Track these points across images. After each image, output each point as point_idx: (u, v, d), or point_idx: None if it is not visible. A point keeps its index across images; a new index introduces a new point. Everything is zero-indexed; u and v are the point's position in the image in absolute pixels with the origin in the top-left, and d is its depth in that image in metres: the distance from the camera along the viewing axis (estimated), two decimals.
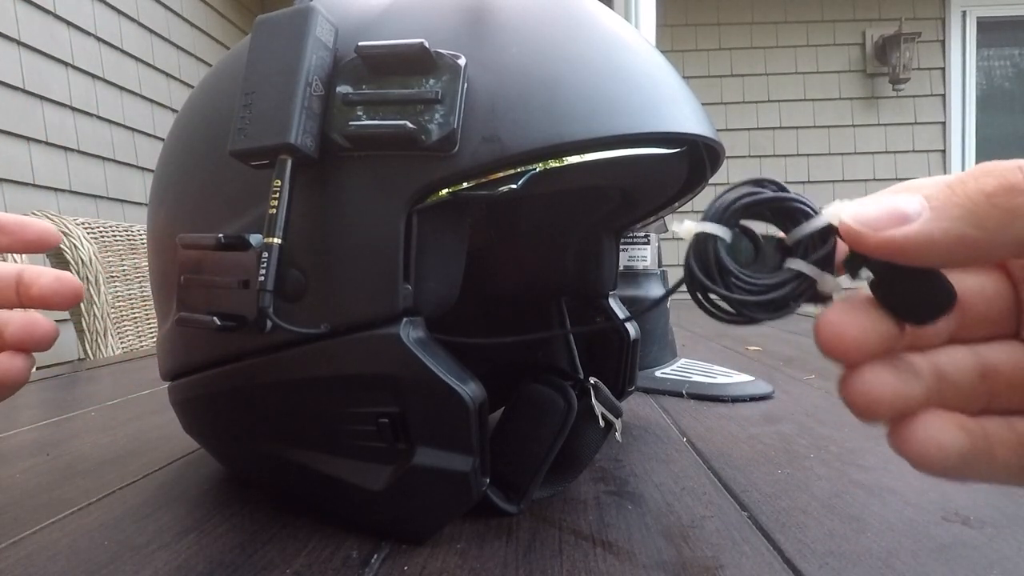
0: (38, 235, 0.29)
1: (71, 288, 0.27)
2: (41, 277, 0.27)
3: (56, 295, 0.27)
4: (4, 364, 0.26)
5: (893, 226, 0.15)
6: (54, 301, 0.27)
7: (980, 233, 0.14)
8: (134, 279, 1.28)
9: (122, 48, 1.96)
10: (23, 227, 0.29)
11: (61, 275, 0.27)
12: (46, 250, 0.30)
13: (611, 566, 0.27)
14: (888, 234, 0.15)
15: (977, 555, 0.27)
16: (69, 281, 0.27)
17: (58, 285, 0.27)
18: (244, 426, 0.33)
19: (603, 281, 0.44)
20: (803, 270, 0.17)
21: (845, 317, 0.16)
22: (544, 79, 0.27)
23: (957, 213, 0.14)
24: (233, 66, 0.31)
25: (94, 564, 0.28)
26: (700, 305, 0.18)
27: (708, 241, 0.18)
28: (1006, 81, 3.09)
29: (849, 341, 0.16)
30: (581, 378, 0.41)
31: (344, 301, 0.28)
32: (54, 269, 0.28)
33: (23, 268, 0.28)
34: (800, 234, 0.18)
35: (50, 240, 0.30)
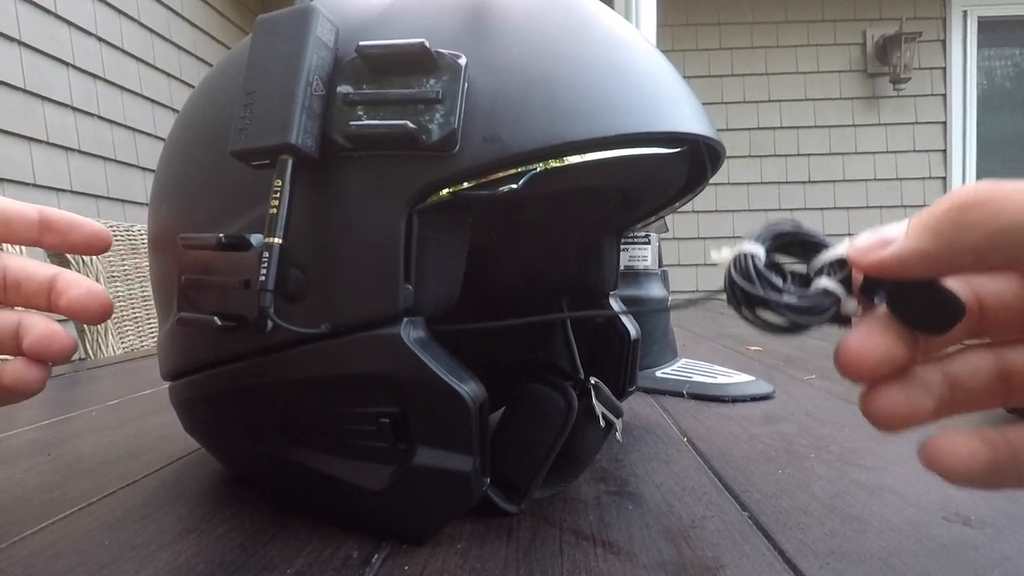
0: (85, 239, 0.28)
1: (100, 304, 0.27)
2: (72, 288, 0.26)
3: (84, 310, 0.26)
4: (19, 372, 0.26)
5: (878, 249, 0.18)
6: (82, 315, 0.26)
7: (937, 246, 0.17)
8: (135, 279, 1.28)
9: (123, 48, 1.96)
10: (71, 228, 0.28)
11: (93, 289, 0.27)
12: (96, 254, 0.30)
13: (611, 566, 0.27)
14: (873, 255, 0.18)
15: (978, 555, 0.27)
16: (99, 296, 0.27)
17: (87, 299, 0.26)
18: (245, 426, 0.33)
19: (604, 281, 0.44)
20: (830, 287, 0.20)
21: (862, 342, 0.19)
22: (545, 79, 0.27)
23: (921, 231, 0.18)
24: (234, 66, 0.31)
25: (95, 564, 0.28)
26: (746, 318, 0.20)
27: (747, 259, 0.20)
28: (1007, 81, 3.09)
29: (866, 365, 0.19)
30: (582, 378, 0.41)
31: (345, 301, 0.28)
32: (88, 280, 0.27)
33: (59, 273, 0.27)
34: (820, 262, 0.20)
35: (98, 244, 0.29)
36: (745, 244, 0.20)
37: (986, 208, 0.16)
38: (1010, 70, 3.08)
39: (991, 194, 0.16)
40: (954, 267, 0.18)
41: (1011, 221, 0.16)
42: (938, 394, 0.20)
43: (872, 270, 0.19)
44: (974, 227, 0.17)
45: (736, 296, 0.20)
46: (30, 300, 0.27)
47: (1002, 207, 0.16)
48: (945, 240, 0.17)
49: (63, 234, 0.28)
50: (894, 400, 0.19)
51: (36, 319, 0.26)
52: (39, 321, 0.26)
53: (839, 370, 0.19)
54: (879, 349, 0.19)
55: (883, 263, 0.18)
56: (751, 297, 0.20)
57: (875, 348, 0.19)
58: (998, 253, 0.17)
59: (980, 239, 0.17)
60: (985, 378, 0.20)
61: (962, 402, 0.20)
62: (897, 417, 0.19)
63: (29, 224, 0.28)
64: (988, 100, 3.04)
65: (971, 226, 0.17)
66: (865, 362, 0.19)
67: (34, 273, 0.27)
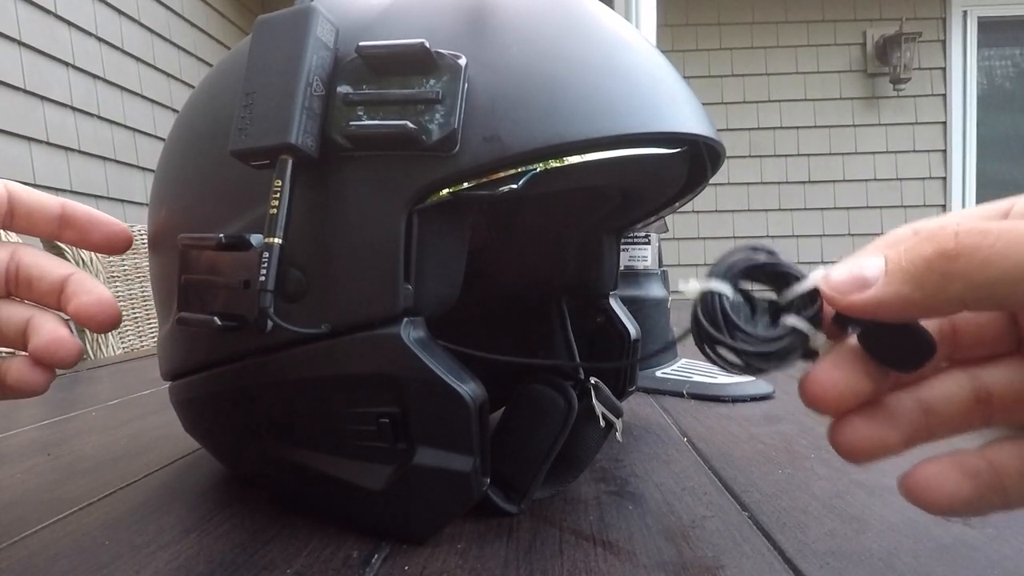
0: (105, 238, 0.28)
1: (108, 314, 0.26)
2: (82, 294, 0.26)
3: (91, 319, 0.26)
4: (23, 373, 0.25)
5: (856, 291, 0.18)
6: (88, 323, 0.26)
7: (921, 295, 0.16)
8: (135, 279, 1.28)
9: (123, 48, 1.97)
10: (92, 226, 0.28)
11: (103, 298, 0.26)
12: (115, 254, 0.29)
13: (612, 566, 0.27)
14: (852, 298, 0.18)
15: (978, 555, 0.27)
16: (108, 306, 0.26)
17: (96, 308, 0.26)
18: (245, 426, 0.33)
19: (604, 281, 0.44)
20: (797, 326, 0.19)
21: (827, 375, 0.19)
22: (545, 79, 0.27)
23: (902, 278, 0.17)
24: (234, 66, 0.31)
25: (95, 564, 0.28)
26: (708, 356, 0.20)
27: (714, 298, 0.20)
28: (1007, 81, 3.09)
29: (829, 399, 0.19)
30: (582, 378, 0.41)
31: (345, 301, 0.28)
32: (99, 288, 0.26)
33: (72, 275, 0.26)
34: (791, 295, 0.20)
35: (118, 245, 0.28)
36: (712, 282, 0.20)
37: (972, 259, 0.16)
38: (1010, 70, 3.08)
39: (976, 242, 0.16)
40: (936, 315, 0.17)
41: (999, 273, 0.15)
42: (908, 424, 0.19)
43: (850, 312, 0.18)
44: (959, 278, 0.16)
45: (700, 336, 0.20)
46: (41, 299, 0.26)
47: (989, 257, 0.15)
48: (929, 291, 0.16)
49: (83, 232, 0.27)
50: (859, 433, 0.19)
51: (45, 320, 0.26)
52: (48, 323, 0.26)
53: (804, 402, 0.19)
54: (844, 383, 0.19)
55: (862, 306, 0.18)
56: (713, 339, 0.20)
57: (839, 382, 0.19)
58: (983, 303, 0.16)
59: (965, 291, 0.16)
60: (962, 403, 0.20)
61: (938, 428, 0.20)
62: (862, 450, 0.19)
63: (50, 218, 0.27)
64: (988, 100, 3.04)
65: (956, 277, 0.16)
66: (829, 395, 0.19)
67: (48, 272, 0.26)
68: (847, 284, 0.18)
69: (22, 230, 0.27)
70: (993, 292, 0.16)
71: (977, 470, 0.18)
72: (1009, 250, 0.15)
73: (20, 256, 0.26)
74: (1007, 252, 0.15)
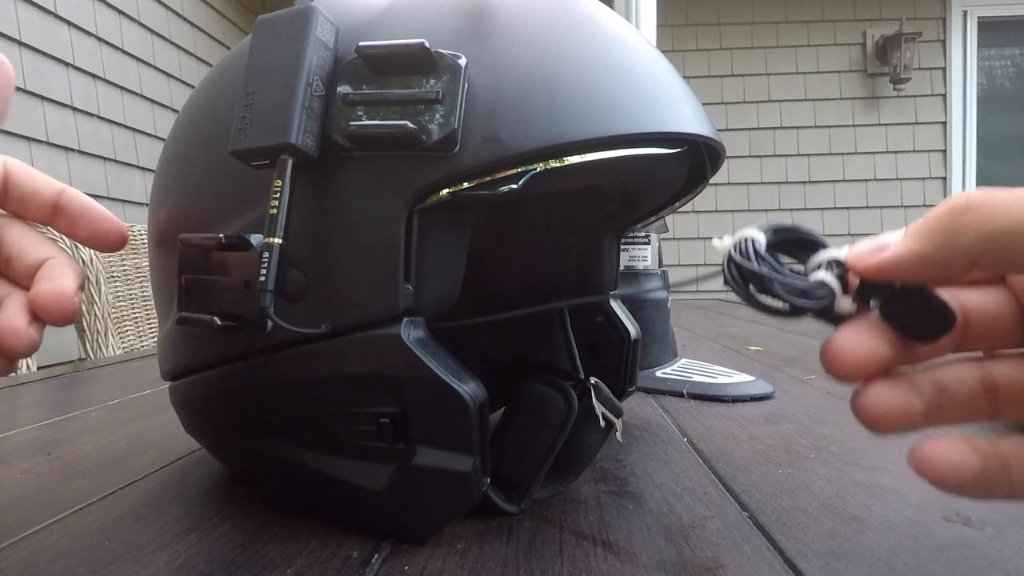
0: (91, 234, 0.26)
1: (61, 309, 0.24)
2: (44, 282, 0.24)
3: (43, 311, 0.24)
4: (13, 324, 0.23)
5: (875, 253, 0.19)
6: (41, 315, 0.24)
7: (934, 249, 0.18)
8: (135, 279, 1.29)
9: (123, 48, 1.97)
10: (82, 218, 0.26)
11: (62, 291, 0.24)
12: (103, 251, 0.27)
13: (611, 566, 0.27)
14: (871, 259, 0.19)
15: (978, 555, 0.27)
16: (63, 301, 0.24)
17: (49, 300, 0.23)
18: (245, 426, 0.33)
19: (604, 281, 0.44)
20: (826, 280, 0.20)
21: (848, 342, 0.19)
22: (545, 79, 0.27)
23: (917, 236, 0.18)
24: (234, 66, 0.31)
25: (95, 564, 0.28)
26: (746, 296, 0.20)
27: (750, 242, 0.20)
28: (1007, 81, 3.09)
29: (850, 363, 0.19)
30: (582, 378, 0.41)
31: (345, 301, 0.28)
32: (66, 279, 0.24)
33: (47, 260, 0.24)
34: (817, 260, 0.20)
35: (105, 242, 0.26)
36: (746, 230, 0.20)
37: (979, 212, 0.17)
38: (1010, 70, 3.08)
39: (985, 199, 0.17)
40: (949, 269, 0.18)
41: (1003, 224, 0.17)
42: (928, 398, 0.20)
43: (869, 273, 0.19)
44: (968, 230, 0.17)
45: (735, 275, 0.20)
46: (17, 279, 0.25)
47: (994, 211, 0.17)
48: (940, 243, 0.18)
49: (72, 223, 0.26)
50: (885, 398, 0.20)
51: (10, 304, 0.24)
52: (10, 308, 0.24)
53: (825, 367, 0.20)
54: (865, 347, 0.19)
55: (880, 266, 0.19)
56: (751, 275, 0.20)
57: (861, 346, 0.19)
58: (990, 256, 0.18)
59: (973, 242, 0.17)
60: (971, 389, 0.20)
61: (950, 411, 0.20)
62: (887, 416, 0.20)
63: (43, 205, 0.26)
64: (988, 100, 3.04)
65: (965, 229, 0.17)
66: (851, 359, 0.19)
67: (25, 253, 0.25)
68: (867, 249, 0.19)
69: (13, 212, 0.26)
70: (1001, 243, 0.17)
71: (986, 452, 0.19)
72: (1013, 206, 0.17)
73: (5, 232, 0.25)
74: (1011, 207, 0.17)
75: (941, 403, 0.20)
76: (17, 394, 0.71)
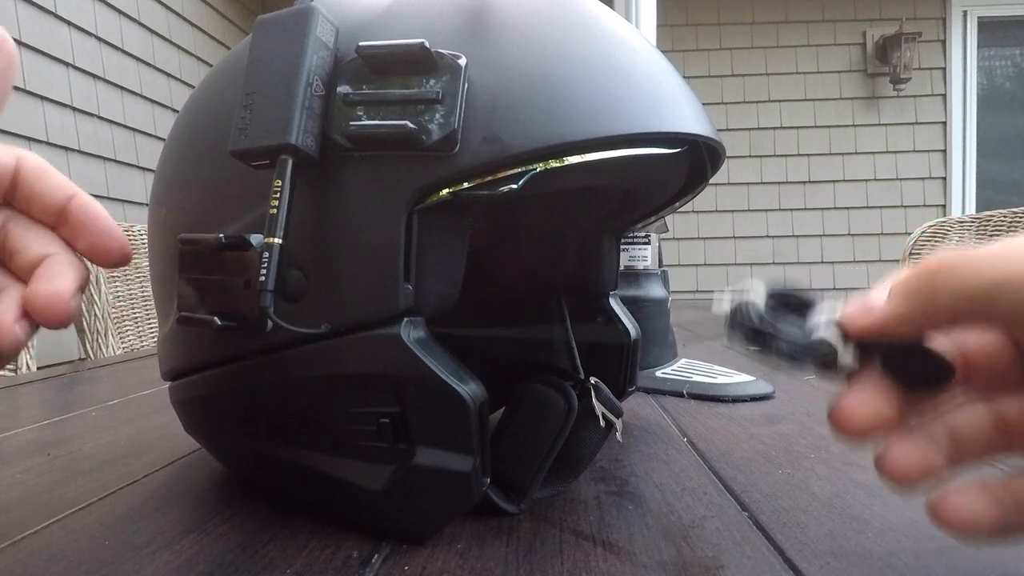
0: (89, 247, 0.25)
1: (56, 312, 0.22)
2: (42, 282, 0.23)
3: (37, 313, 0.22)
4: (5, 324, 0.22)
5: (864, 316, 0.20)
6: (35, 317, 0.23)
7: (914, 309, 0.19)
8: (134, 279, 1.29)
9: (123, 48, 1.97)
10: (84, 228, 0.25)
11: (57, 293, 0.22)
12: (102, 266, 0.26)
13: (612, 566, 0.27)
14: (862, 321, 0.20)
15: (978, 555, 0.27)
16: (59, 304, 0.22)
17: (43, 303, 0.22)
18: (245, 426, 0.33)
19: (604, 281, 0.44)
20: (826, 337, 0.21)
21: (854, 402, 0.21)
22: (545, 79, 0.27)
23: (899, 297, 0.19)
24: (234, 66, 0.31)
25: (95, 564, 0.28)
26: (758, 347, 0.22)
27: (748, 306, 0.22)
28: (1007, 81, 3.09)
29: (859, 423, 0.20)
30: (582, 378, 0.41)
31: (345, 301, 0.28)
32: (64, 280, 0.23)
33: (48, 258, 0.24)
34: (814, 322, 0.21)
35: (103, 257, 0.25)
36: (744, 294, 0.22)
37: (952, 274, 0.18)
38: (1010, 70, 3.08)
39: (957, 261, 0.18)
40: (933, 327, 0.20)
41: (977, 285, 0.18)
42: (946, 448, 0.21)
43: (862, 335, 0.20)
44: (943, 292, 0.18)
45: (747, 332, 0.22)
46: (18, 274, 0.24)
47: (968, 273, 0.18)
48: (919, 304, 0.19)
49: (73, 232, 0.25)
50: (909, 455, 0.20)
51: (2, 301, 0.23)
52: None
53: (834, 429, 0.21)
54: (871, 406, 0.20)
55: (871, 328, 0.20)
56: (761, 332, 0.21)
57: (868, 405, 0.20)
58: (969, 314, 0.18)
59: (950, 302, 0.18)
60: (983, 429, 0.21)
61: (968, 454, 0.21)
62: (913, 475, 0.20)
63: (49, 209, 0.25)
64: (988, 100, 3.04)
65: (940, 291, 0.18)
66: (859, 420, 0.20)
67: (27, 248, 0.24)
68: (857, 311, 0.20)
69: (20, 210, 0.25)
70: (973, 303, 0.18)
71: (1001, 496, 0.20)
72: (984, 265, 0.18)
73: (11, 225, 0.25)
74: (982, 266, 0.18)
75: (958, 449, 0.21)
76: (17, 394, 0.71)
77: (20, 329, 0.22)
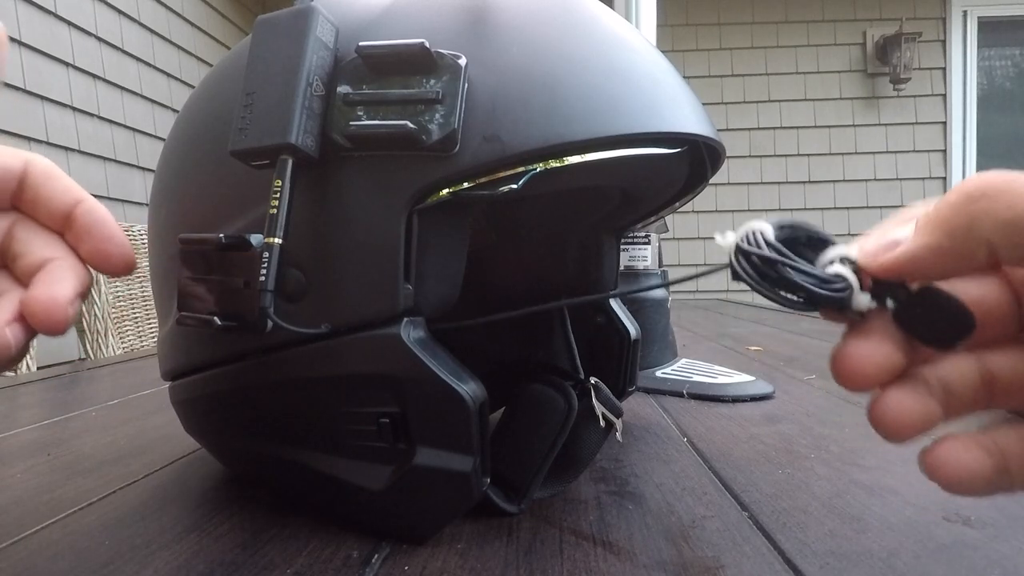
0: (91, 253, 0.24)
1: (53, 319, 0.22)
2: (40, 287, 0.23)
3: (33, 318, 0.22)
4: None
5: (887, 251, 0.18)
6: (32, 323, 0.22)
7: (950, 241, 0.16)
8: (134, 279, 1.28)
9: (123, 48, 1.96)
10: (88, 234, 0.24)
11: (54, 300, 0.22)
12: (103, 273, 0.25)
13: (612, 566, 0.27)
14: (884, 258, 0.18)
15: (978, 555, 0.27)
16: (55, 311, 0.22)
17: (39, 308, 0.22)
18: (245, 426, 0.33)
19: (604, 281, 0.44)
20: (843, 273, 0.18)
21: (861, 350, 0.18)
22: (545, 79, 0.27)
23: (930, 228, 0.17)
24: (234, 66, 0.31)
25: (95, 564, 0.28)
26: (760, 287, 0.18)
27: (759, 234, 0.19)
28: (1007, 81, 3.09)
29: (865, 373, 0.18)
30: (582, 378, 0.41)
31: (345, 301, 0.28)
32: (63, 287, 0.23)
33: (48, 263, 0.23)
34: (828, 257, 0.19)
35: (105, 265, 0.25)
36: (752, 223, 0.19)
37: (998, 199, 0.16)
38: (1010, 70, 3.08)
39: (1003, 184, 0.16)
40: (968, 263, 0.17)
41: None
42: (941, 399, 0.19)
43: (883, 273, 0.18)
44: (986, 218, 0.16)
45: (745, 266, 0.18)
46: (20, 278, 0.24)
47: (1015, 197, 0.15)
48: (958, 234, 0.16)
49: (77, 238, 0.25)
50: (907, 407, 0.18)
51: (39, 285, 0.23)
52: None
53: (836, 377, 0.19)
54: (879, 356, 0.18)
55: (894, 265, 0.17)
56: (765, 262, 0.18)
57: (875, 355, 0.18)
58: (1013, 247, 0.16)
59: (993, 231, 0.16)
60: (973, 383, 0.19)
61: (955, 407, 0.19)
62: (910, 426, 0.18)
63: (54, 215, 0.25)
64: (988, 100, 3.04)
65: (983, 217, 0.16)
66: (866, 369, 0.18)
67: (30, 252, 0.24)
68: (878, 247, 0.18)
69: (27, 214, 0.25)
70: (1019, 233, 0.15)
71: (991, 449, 0.18)
72: None
73: (16, 229, 0.25)
74: None
75: (948, 402, 0.19)
76: (17, 394, 0.71)
77: (11, 334, 0.22)
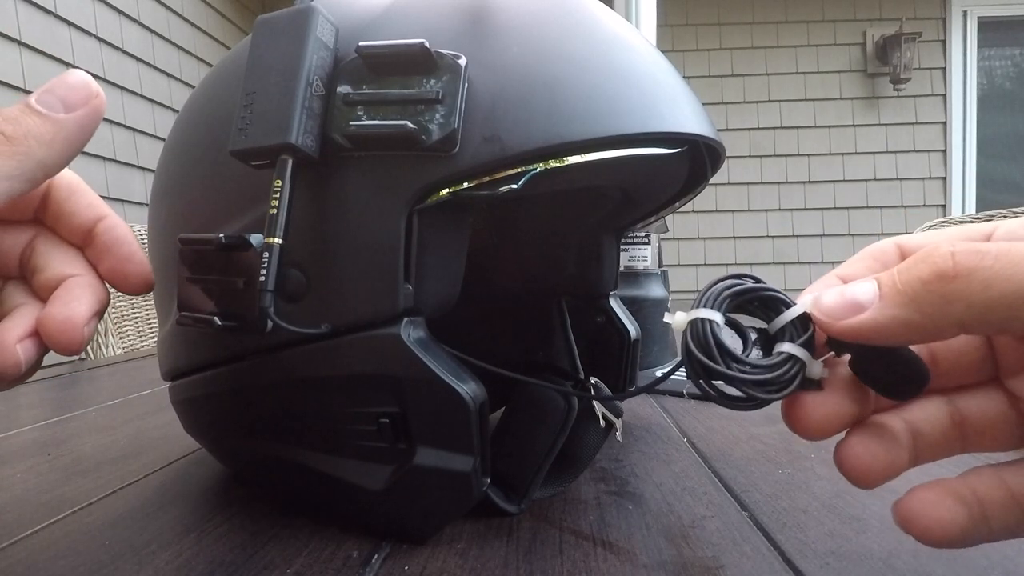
0: (109, 270, 0.24)
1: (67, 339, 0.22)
2: (57, 305, 0.22)
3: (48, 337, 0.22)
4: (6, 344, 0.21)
5: (850, 315, 0.17)
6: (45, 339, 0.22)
7: (921, 318, 0.16)
8: None
9: (123, 48, 1.96)
10: (108, 251, 0.24)
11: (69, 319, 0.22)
12: (124, 292, 0.26)
13: (611, 566, 0.27)
14: (846, 323, 0.17)
15: (978, 555, 0.27)
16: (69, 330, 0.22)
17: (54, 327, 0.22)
18: (245, 426, 0.33)
19: (604, 281, 0.44)
20: (794, 352, 0.19)
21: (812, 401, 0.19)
22: (545, 79, 0.27)
23: (900, 300, 0.16)
24: (234, 66, 0.31)
25: (95, 564, 0.28)
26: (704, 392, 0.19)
27: (705, 326, 0.19)
28: (1007, 81, 3.09)
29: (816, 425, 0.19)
30: (582, 378, 0.41)
31: (345, 301, 0.28)
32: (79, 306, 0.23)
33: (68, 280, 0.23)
34: (782, 322, 0.19)
35: (121, 284, 0.24)
36: (701, 311, 0.19)
37: (971, 280, 0.15)
38: (1010, 70, 3.08)
39: (977, 262, 0.15)
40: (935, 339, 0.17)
41: (999, 294, 0.15)
42: (908, 444, 0.19)
43: (845, 337, 0.17)
44: (960, 300, 0.15)
45: (695, 369, 0.19)
46: (38, 292, 0.24)
47: (989, 278, 0.15)
48: (929, 313, 0.16)
49: (97, 256, 0.25)
50: (872, 455, 0.18)
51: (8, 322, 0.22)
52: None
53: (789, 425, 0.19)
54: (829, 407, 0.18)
55: (857, 330, 0.17)
56: (710, 371, 0.19)
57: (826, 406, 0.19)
58: (983, 326, 0.16)
59: (966, 313, 0.15)
60: (943, 427, 0.19)
61: (926, 453, 0.19)
62: (873, 471, 0.18)
63: (74, 229, 0.25)
64: (988, 100, 3.04)
65: (956, 299, 0.15)
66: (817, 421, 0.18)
67: (48, 267, 0.24)
68: (840, 309, 0.17)
69: (50, 228, 0.25)
70: (993, 314, 0.15)
71: (966, 497, 0.18)
72: (1008, 271, 0.15)
73: (37, 242, 0.25)
74: (1007, 273, 0.15)
75: (918, 447, 0.19)
76: (17, 394, 0.71)
77: (22, 350, 0.22)
